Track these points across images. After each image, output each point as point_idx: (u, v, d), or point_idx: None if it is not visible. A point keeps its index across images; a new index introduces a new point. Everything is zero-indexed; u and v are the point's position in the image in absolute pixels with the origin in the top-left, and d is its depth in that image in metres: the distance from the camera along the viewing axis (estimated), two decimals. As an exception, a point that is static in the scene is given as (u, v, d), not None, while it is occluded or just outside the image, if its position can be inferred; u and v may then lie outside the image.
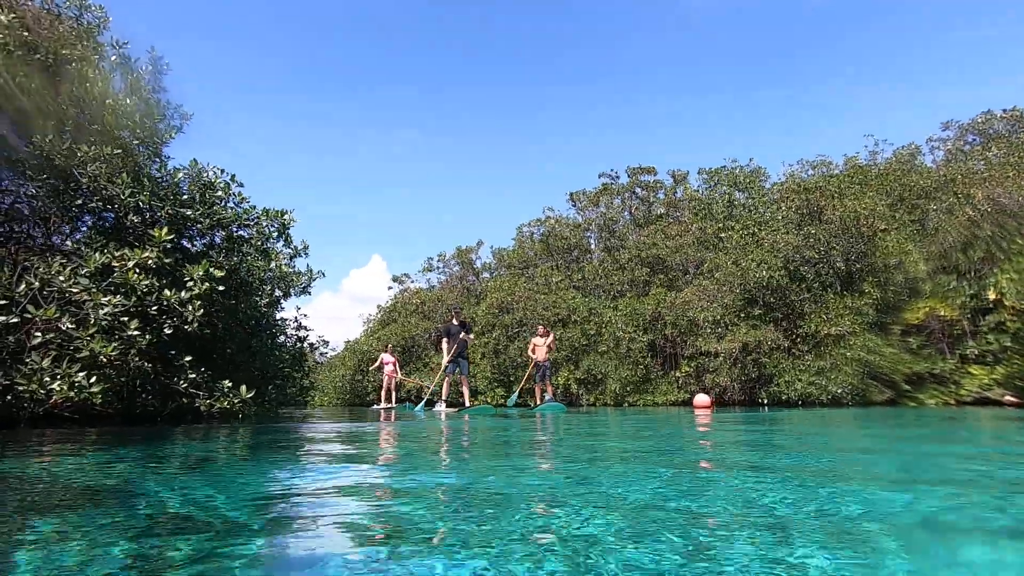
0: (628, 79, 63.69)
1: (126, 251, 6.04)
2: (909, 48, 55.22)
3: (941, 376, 13.80)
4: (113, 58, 8.65)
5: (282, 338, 12.68)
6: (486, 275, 26.03)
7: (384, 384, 16.04)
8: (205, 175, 7.57)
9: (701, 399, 14.65)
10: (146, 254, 6.05)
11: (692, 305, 16.61)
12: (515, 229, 25.17)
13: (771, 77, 61.22)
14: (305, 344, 12.37)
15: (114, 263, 5.98)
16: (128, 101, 7.88)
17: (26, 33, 7.34)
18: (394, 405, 15.70)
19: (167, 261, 6.29)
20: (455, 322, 11.31)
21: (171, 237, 6.39)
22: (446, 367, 11.31)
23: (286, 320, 12.32)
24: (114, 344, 5.64)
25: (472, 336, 11.71)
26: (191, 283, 6.65)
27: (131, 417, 6.94)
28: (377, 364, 16.44)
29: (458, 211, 65.43)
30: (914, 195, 15.59)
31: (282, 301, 12.50)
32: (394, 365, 16.07)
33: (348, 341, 26.04)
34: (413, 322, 22.59)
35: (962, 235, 13.38)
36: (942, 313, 13.71)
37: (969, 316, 13.66)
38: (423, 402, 12.52)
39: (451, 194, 67.19)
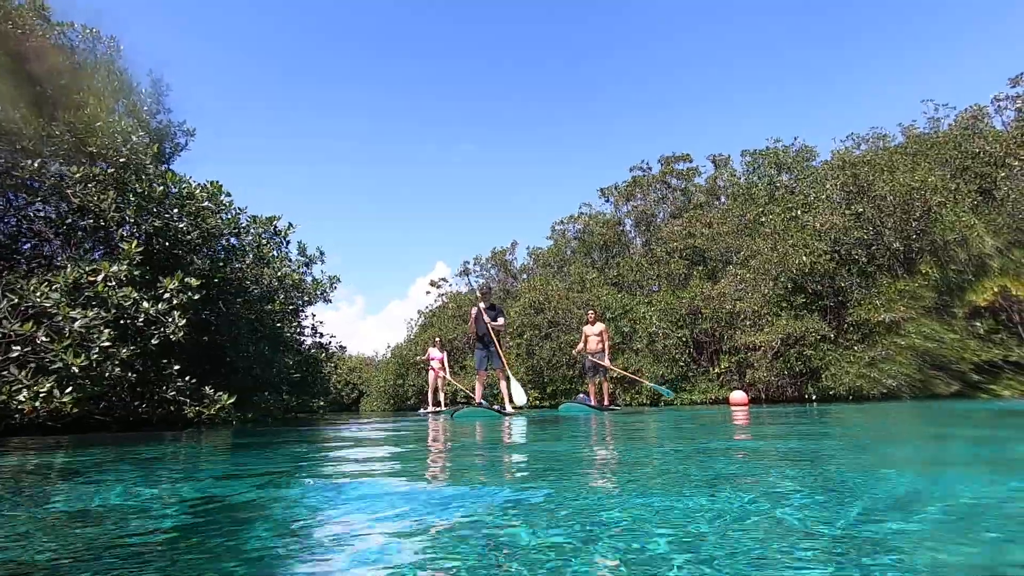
0: (671, 61, 61.54)
1: (97, 265, 6.28)
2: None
3: (1020, 364, 12.18)
4: (114, 84, 9.13)
5: (304, 346, 12.97)
6: (525, 276, 25.79)
7: (430, 383, 14.45)
8: (184, 187, 7.80)
9: (737, 396, 13.78)
10: (114, 268, 6.26)
11: (728, 297, 15.62)
12: (549, 227, 24.82)
13: (815, 48, 57.19)
14: (322, 352, 12.59)
15: (88, 277, 6.24)
16: (123, 124, 8.25)
17: (25, 67, 7.87)
18: (442, 408, 14.11)
19: (136, 273, 6.48)
20: (482, 304, 9.38)
21: (140, 249, 6.59)
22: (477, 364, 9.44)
23: (303, 328, 12.60)
24: (85, 355, 5.86)
25: (503, 321, 9.37)
26: (167, 295, 6.85)
27: (125, 424, 7.23)
28: (424, 359, 14.77)
29: (512, 211, 65.53)
30: (980, 163, 13.88)
31: (303, 309, 12.81)
32: (442, 362, 14.32)
33: (389, 346, 26.55)
34: (450, 327, 22.68)
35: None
36: (1015, 292, 12.09)
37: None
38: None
39: (504, 195, 67.42)
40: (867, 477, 1.81)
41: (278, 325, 9.65)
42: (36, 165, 6.85)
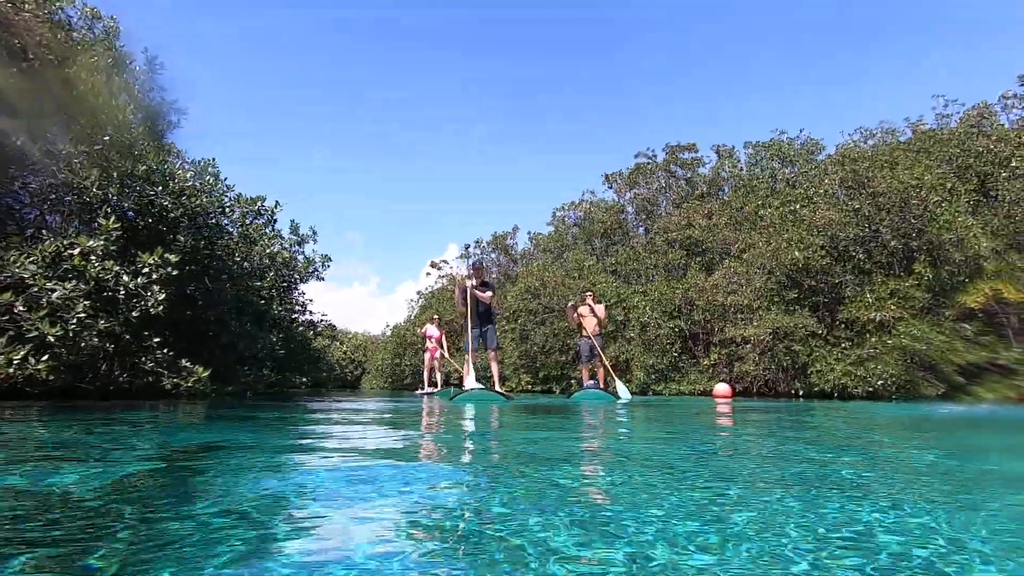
0: (686, 49, 60.35)
1: (75, 239, 6.50)
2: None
3: (1006, 367, 12.08)
4: (108, 60, 9.27)
5: (295, 323, 13.24)
6: (526, 261, 25.86)
7: (426, 363, 13.92)
8: (168, 167, 7.98)
9: (721, 388, 13.87)
10: (91, 242, 6.48)
11: (721, 289, 15.61)
12: (551, 213, 24.81)
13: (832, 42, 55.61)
14: (310, 330, 12.85)
15: (66, 251, 6.47)
16: (113, 102, 8.43)
17: (16, 41, 8.04)
18: (438, 390, 13.65)
19: (113, 248, 6.70)
20: (473, 281, 8.87)
21: (117, 225, 6.80)
22: (466, 340, 9.01)
23: (294, 305, 12.86)
24: (61, 325, 6.10)
25: (489, 294, 8.85)
26: (146, 269, 7.07)
27: (106, 393, 7.52)
28: (420, 334, 14.23)
29: (522, 196, 65.36)
30: (982, 162, 13.59)
31: (296, 286, 13.06)
32: (438, 341, 13.73)
33: (388, 325, 26.87)
34: (448, 308, 22.87)
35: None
36: (1007, 295, 11.93)
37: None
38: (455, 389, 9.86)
39: (514, 180, 67.15)
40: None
41: (262, 302, 9.87)
42: (20, 142, 7.04)
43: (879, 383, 12.65)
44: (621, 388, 10.73)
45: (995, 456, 2.69)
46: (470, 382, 8.32)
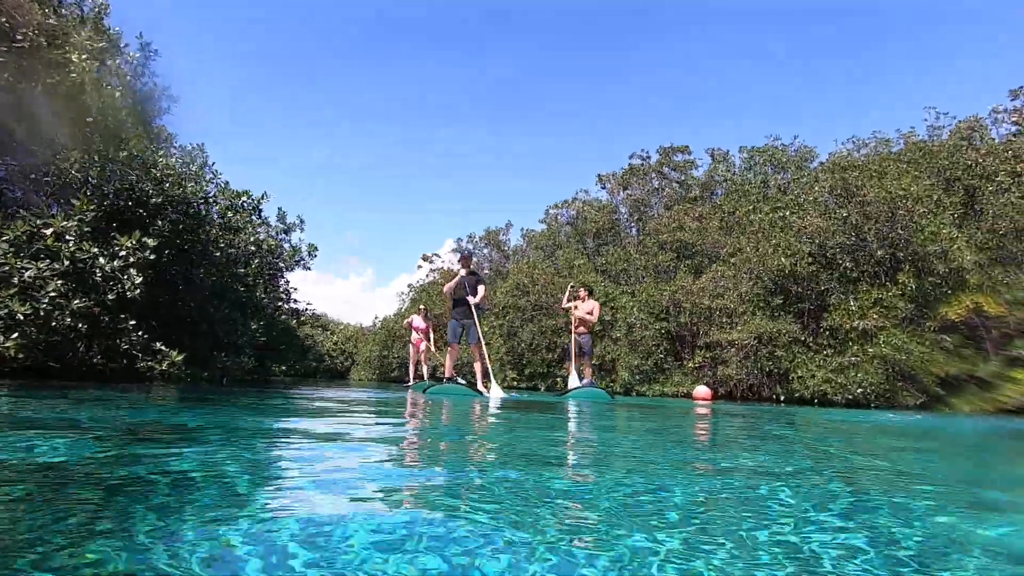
0: (690, 55, 60.24)
1: (49, 219, 6.52)
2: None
3: (983, 380, 12.19)
4: (100, 43, 9.26)
5: (280, 311, 13.27)
6: (518, 257, 25.91)
7: (412, 356, 13.55)
8: (150, 154, 7.99)
9: (701, 391, 13.91)
10: (64, 223, 6.50)
11: (707, 292, 15.67)
12: (544, 211, 24.87)
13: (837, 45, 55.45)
14: (293, 319, 12.87)
15: (39, 230, 6.48)
16: (103, 86, 8.41)
17: (4, 20, 8.02)
18: (425, 382, 12.89)
19: (87, 230, 6.72)
20: (463, 271, 8.65)
21: (93, 207, 6.82)
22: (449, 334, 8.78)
23: (279, 293, 12.89)
24: (32, 304, 6.12)
25: (483, 292, 8.65)
26: (123, 252, 7.08)
27: (80, 374, 7.53)
28: (406, 324, 13.87)
29: (515, 195, 65.24)
30: (970, 175, 13.66)
31: (282, 275, 13.09)
32: (425, 333, 13.32)
33: (377, 317, 26.90)
34: (439, 302, 22.90)
35: (1017, 220, 11.60)
36: (988, 309, 12.03)
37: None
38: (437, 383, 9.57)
39: (512, 177, 67.04)
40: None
41: (242, 289, 9.89)
42: (5, 121, 7.05)
43: (859, 391, 12.73)
44: (573, 378, 10.41)
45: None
46: (499, 394, 8.18)
